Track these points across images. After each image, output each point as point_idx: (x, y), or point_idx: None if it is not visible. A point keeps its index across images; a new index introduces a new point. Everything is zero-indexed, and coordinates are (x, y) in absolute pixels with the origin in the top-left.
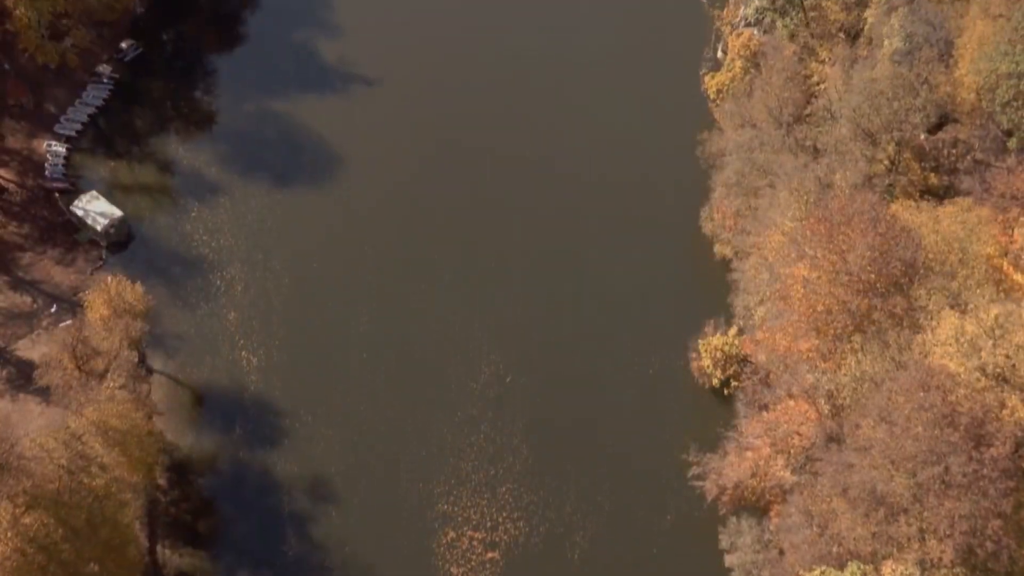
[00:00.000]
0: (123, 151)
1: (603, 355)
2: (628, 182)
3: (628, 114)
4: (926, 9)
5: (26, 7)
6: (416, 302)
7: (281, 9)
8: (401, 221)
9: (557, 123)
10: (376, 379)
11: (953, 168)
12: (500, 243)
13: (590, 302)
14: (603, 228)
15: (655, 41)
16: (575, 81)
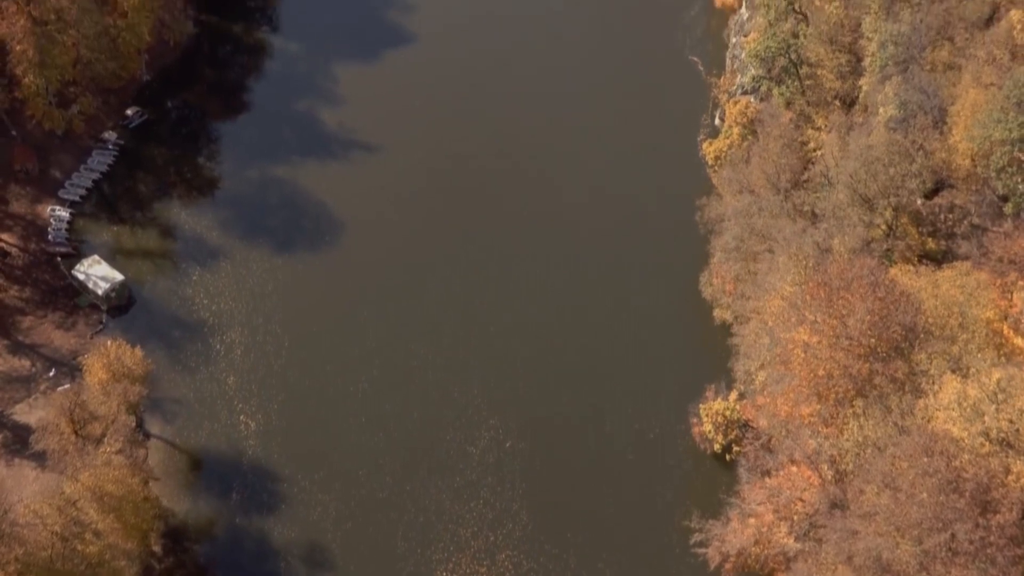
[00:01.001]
0: (126, 216)
1: (604, 420)
2: (628, 247)
3: (628, 180)
4: (919, 78)
5: (35, 75)
6: (415, 366)
7: (284, 78)
8: (400, 285)
9: (557, 188)
10: (375, 444)
11: (950, 233)
12: (500, 308)
13: (590, 366)
14: (603, 293)
15: (654, 108)
16: (574, 146)
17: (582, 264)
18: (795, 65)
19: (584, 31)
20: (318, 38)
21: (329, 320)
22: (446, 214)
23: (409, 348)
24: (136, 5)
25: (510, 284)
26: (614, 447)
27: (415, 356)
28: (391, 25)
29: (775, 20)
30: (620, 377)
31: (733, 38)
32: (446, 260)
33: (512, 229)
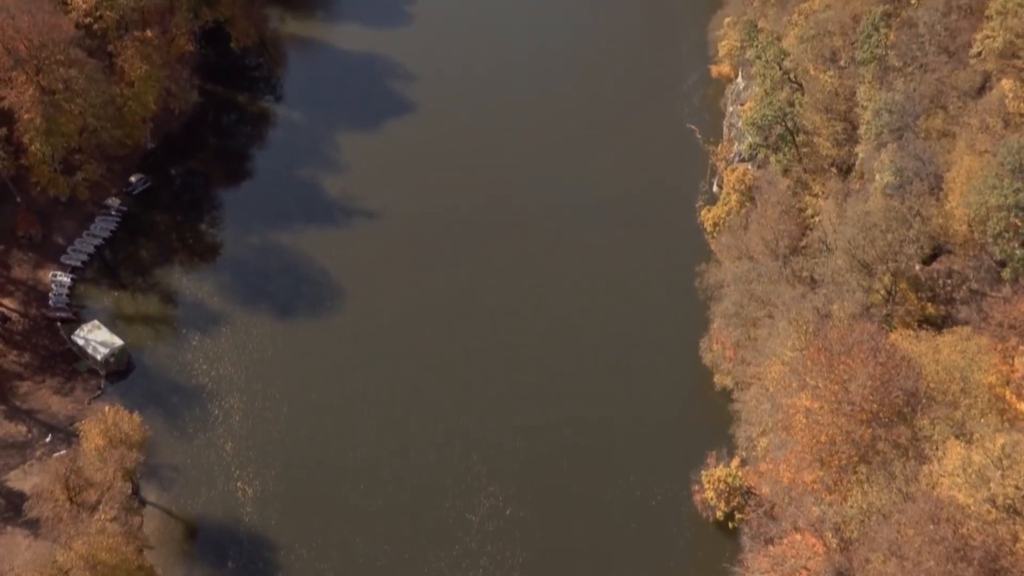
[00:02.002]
0: (127, 281)
1: (605, 487)
2: (628, 314)
3: (627, 247)
4: (914, 145)
5: (42, 143)
6: (414, 433)
7: (287, 146)
8: (400, 352)
9: (558, 255)
10: (373, 511)
11: (950, 298)
12: (500, 374)
13: (591, 433)
14: (603, 359)
15: (653, 175)
16: (575, 214)
17: (583, 331)
18: (791, 133)
19: (583, 99)
20: (321, 107)
21: (328, 386)
22: (446, 281)
23: (408, 414)
24: (143, 75)
25: (510, 352)
26: (615, 515)
27: (414, 422)
28: (392, 94)
29: (771, 89)
30: (621, 444)
31: (730, 107)
32: (445, 327)
33: (512, 297)
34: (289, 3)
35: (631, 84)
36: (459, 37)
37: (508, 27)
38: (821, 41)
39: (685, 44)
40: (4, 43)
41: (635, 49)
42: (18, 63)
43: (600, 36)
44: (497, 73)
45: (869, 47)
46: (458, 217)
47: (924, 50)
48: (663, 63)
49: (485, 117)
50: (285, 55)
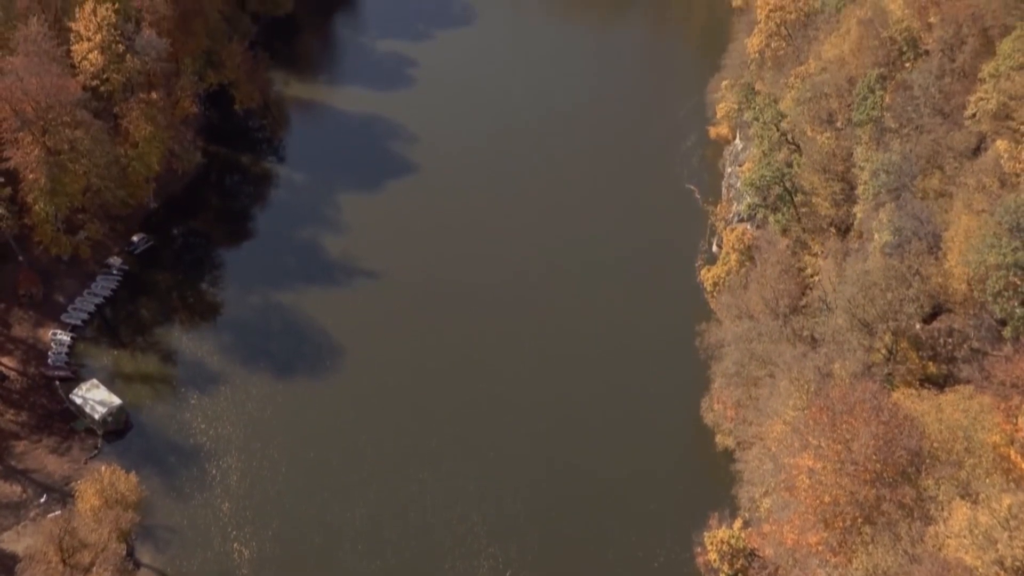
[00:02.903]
0: (127, 340)
1: (606, 549)
2: (628, 374)
3: (627, 306)
4: (912, 205)
5: (45, 203)
6: (414, 493)
7: (289, 207)
8: (399, 412)
9: (558, 316)
10: (372, 573)
11: (951, 357)
12: (499, 434)
13: (592, 494)
14: (604, 419)
15: (653, 235)
16: (574, 274)
17: (584, 391)
18: (790, 193)
19: (583, 160)
20: (323, 168)
21: (327, 445)
22: (446, 340)
23: (408, 474)
24: (147, 136)
25: (510, 411)
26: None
27: (414, 482)
28: (394, 156)
29: (769, 150)
30: (622, 504)
31: (728, 167)
32: (445, 387)
33: (512, 356)
34: (293, 66)
35: (631, 145)
36: (460, 99)
37: (509, 90)
38: (818, 103)
39: (684, 106)
40: (12, 105)
41: (635, 111)
42: (25, 124)
43: (600, 98)
44: (498, 134)
45: (865, 109)
46: (458, 277)
47: (919, 112)
48: (662, 125)
49: (486, 177)
50: (288, 117)
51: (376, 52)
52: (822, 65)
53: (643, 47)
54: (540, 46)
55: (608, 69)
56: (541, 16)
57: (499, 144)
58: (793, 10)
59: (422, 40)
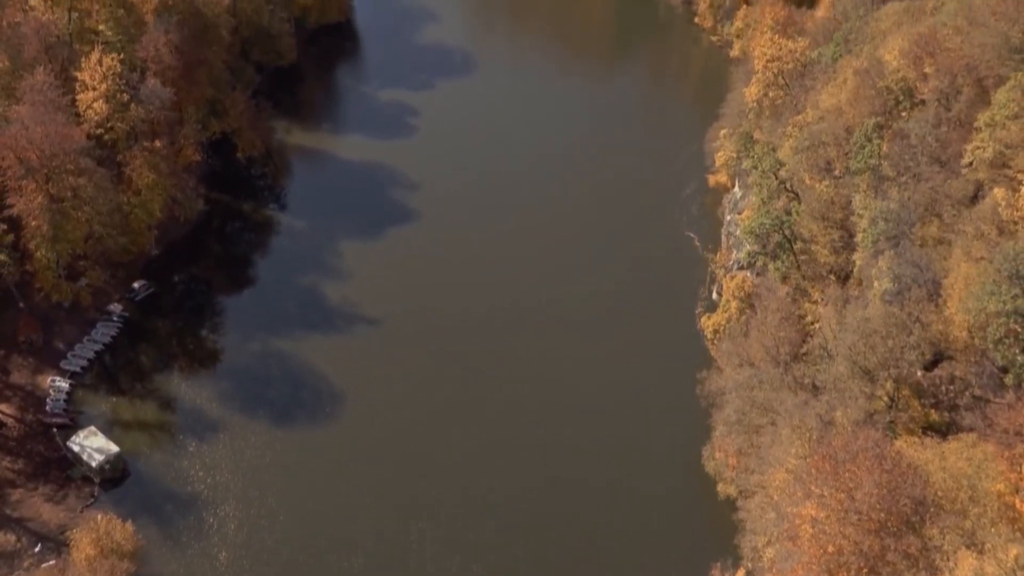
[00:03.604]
0: (126, 387)
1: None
2: (628, 422)
3: (627, 355)
4: (911, 252)
5: (47, 249)
6: (413, 543)
7: (290, 254)
8: (399, 460)
9: (557, 365)
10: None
11: (953, 404)
12: (499, 485)
13: (592, 545)
14: (604, 467)
15: (653, 283)
16: (573, 321)
17: (583, 439)
18: (789, 241)
19: (583, 208)
20: (324, 215)
21: (326, 493)
22: (446, 391)
23: (407, 524)
24: (150, 184)
25: (509, 461)
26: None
27: (414, 531)
28: (395, 203)
29: (768, 198)
30: (623, 554)
31: (728, 215)
32: (445, 435)
33: (512, 404)
34: (295, 115)
35: (630, 193)
36: (461, 148)
37: (509, 139)
38: (816, 152)
39: (683, 154)
40: (16, 153)
41: (634, 159)
42: (29, 172)
43: (599, 147)
44: (498, 183)
45: (863, 157)
46: (458, 325)
47: (917, 160)
48: (662, 173)
49: (486, 226)
50: (290, 165)
51: (378, 101)
52: (819, 114)
53: (642, 96)
54: (540, 95)
55: (607, 118)
56: (540, 66)
57: (499, 192)
58: (790, 60)
59: (423, 90)
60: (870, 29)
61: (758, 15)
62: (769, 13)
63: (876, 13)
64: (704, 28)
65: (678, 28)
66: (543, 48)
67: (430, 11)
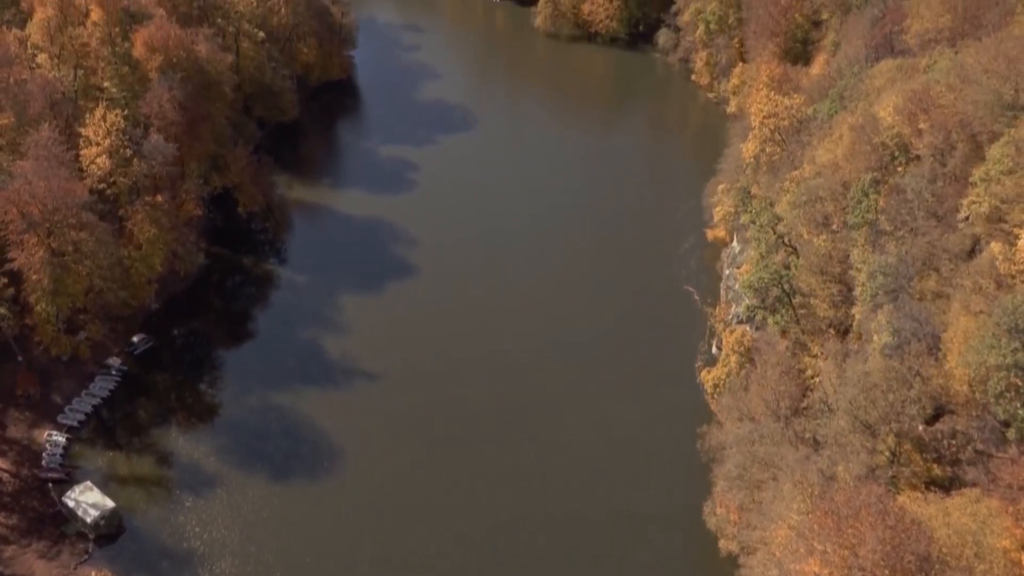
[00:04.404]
0: (123, 442)
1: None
2: (629, 479)
3: (627, 409)
4: (910, 306)
5: (47, 303)
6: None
7: (289, 308)
8: (398, 515)
9: (557, 419)
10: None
11: (955, 459)
12: (499, 538)
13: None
14: (605, 524)
15: (652, 337)
16: (573, 375)
17: (584, 496)
18: (788, 295)
19: (582, 262)
20: (324, 270)
21: (324, 549)
22: (446, 447)
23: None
24: (151, 238)
25: (508, 515)
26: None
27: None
28: (394, 258)
29: (766, 253)
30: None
31: (726, 269)
32: (444, 491)
33: (510, 459)
34: (296, 170)
35: (630, 247)
36: (461, 203)
37: (509, 194)
38: (813, 206)
39: (681, 209)
40: (19, 207)
41: (633, 213)
42: (31, 226)
43: (598, 201)
44: (498, 237)
45: (860, 212)
46: (458, 379)
47: (913, 215)
48: (660, 227)
49: (486, 279)
50: (290, 219)
51: (378, 156)
52: (816, 169)
53: (640, 152)
54: (539, 150)
55: (606, 173)
56: (540, 121)
57: (499, 246)
58: (786, 117)
59: (423, 145)
60: (864, 86)
61: (754, 72)
62: (765, 71)
63: (870, 71)
64: (701, 85)
65: (676, 85)
66: (542, 104)
67: (430, 68)
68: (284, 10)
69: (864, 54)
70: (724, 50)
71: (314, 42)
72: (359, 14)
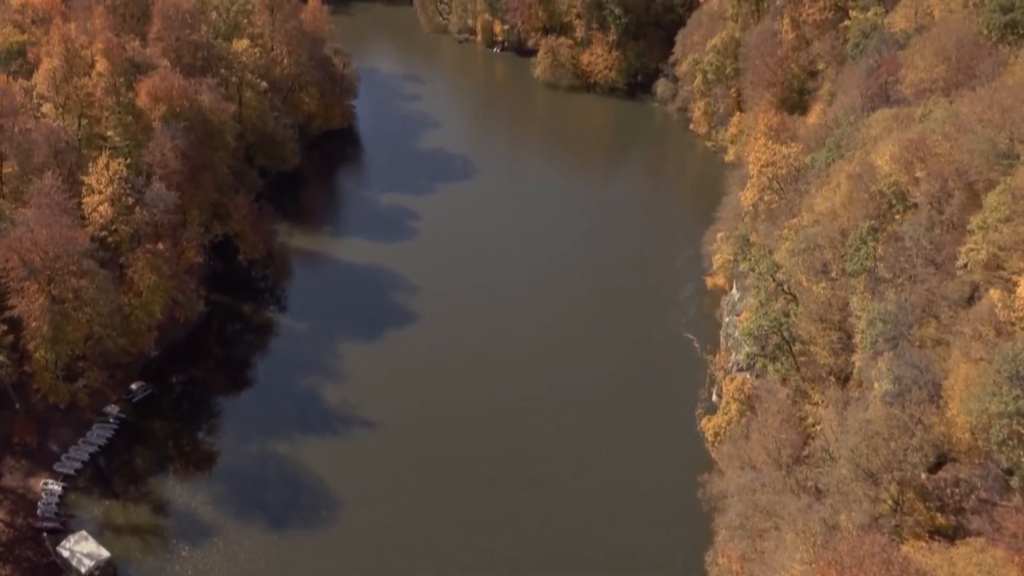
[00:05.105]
0: (120, 491)
1: None
2: (629, 528)
3: (627, 457)
4: (910, 353)
5: (47, 350)
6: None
7: (289, 356)
8: (397, 565)
9: (556, 468)
10: None
11: (959, 507)
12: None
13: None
14: (603, 573)
15: (652, 385)
16: (572, 424)
17: (584, 546)
18: (788, 342)
19: (582, 309)
20: (324, 317)
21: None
22: (444, 495)
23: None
24: (151, 285)
25: (509, 565)
26: None
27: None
28: (394, 306)
29: (766, 300)
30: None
31: (726, 317)
32: (443, 540)
33: (510, 509)
34: (297, 218)
35: (629, 295)
36: (461, 251)
37: (508, 242)
38: (812, 254)
39: (681, 257)
40: (20, 255)
41: (632, 261)
42: (32, 273)
43: (598, 249)
44: (498, 285)
45: (859, 259)
46: (457, 427)
47: (912, 262)
48: (660, 275)
49: (485, 326)
50: (291, 267)
51: (379, 205)
52: (815, 217)
53: (639, 200)
54: (539, 199)
55: (605, 221)
56: (539, 170)
57: (499, 294)
58: (784, 165)
59: (424, 194)
60: (861, 135)
61: (751, 122)
62: (762, 120)
63: (866, 120)
64: (699, 134)
65: (674, 134)
66: (542, 153)
67: (431, 118)
68: (287, 61)
69: (860, 103)
70: (722, 100)
71: (316, 92)
72: (360, 65)
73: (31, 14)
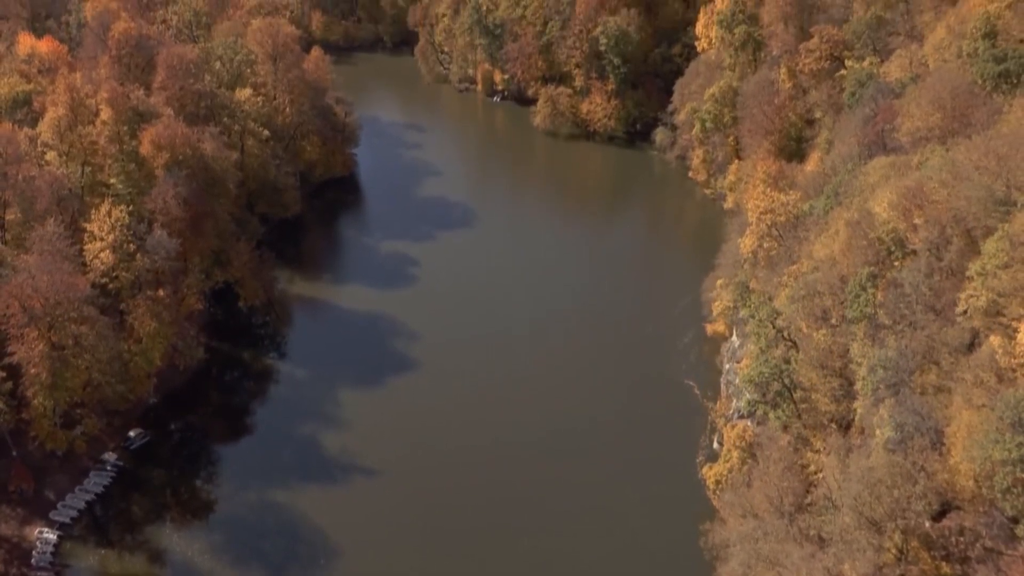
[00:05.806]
0: (116, 539)
1: None
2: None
3: (627, 507)
4: (912, 400)
5: (44, 397)
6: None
7: (289, 403)
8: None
9: (556, 518)
10: None
11: (964, 556)
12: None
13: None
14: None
15: (652, 432)
16: (573, 471)
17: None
18: (789, 389)
19: (581, 357)
20: (324, 364)
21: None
22: (444, 544)
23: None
24: (152, 332)
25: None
26: None
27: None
28: (395, 353)
29: (766, 347)
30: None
31: (726, 364)
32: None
33: (510, 558)
34: (298, 265)
35: (629, 342)
36: (461, 298)
37: (508, 288)
38: (811, 301)
39: (680, 304)
40: (21, 301)
41: (632, 308)
42: (32, 320)
43: (598, 296)
44: (497, 332)
45: (858, 306)
46: (457, 474)
47: (912, 308)
48: (659, 322)
49: (485, 374)
50: (291, 314)
51: (379, 252)
52: (814, 264)
53: (639, 247)
54: (538, 246)
55: (605, 268)
56: (539, 218)
57: (498, 341)
58: (783, 212)
59: (424, 241)
60: (859, 182)
61: (750, 169)
62: (761, 167)
63: (864, 167)
64: (698, 182)
65: (673, 182)
66: (542, 201)
67: (431, 166)
68: (289, 110)
69: (857, 151)
70: (720, 147)
71: (317, 140)
72: (362, 113)
73: (38, 64)
